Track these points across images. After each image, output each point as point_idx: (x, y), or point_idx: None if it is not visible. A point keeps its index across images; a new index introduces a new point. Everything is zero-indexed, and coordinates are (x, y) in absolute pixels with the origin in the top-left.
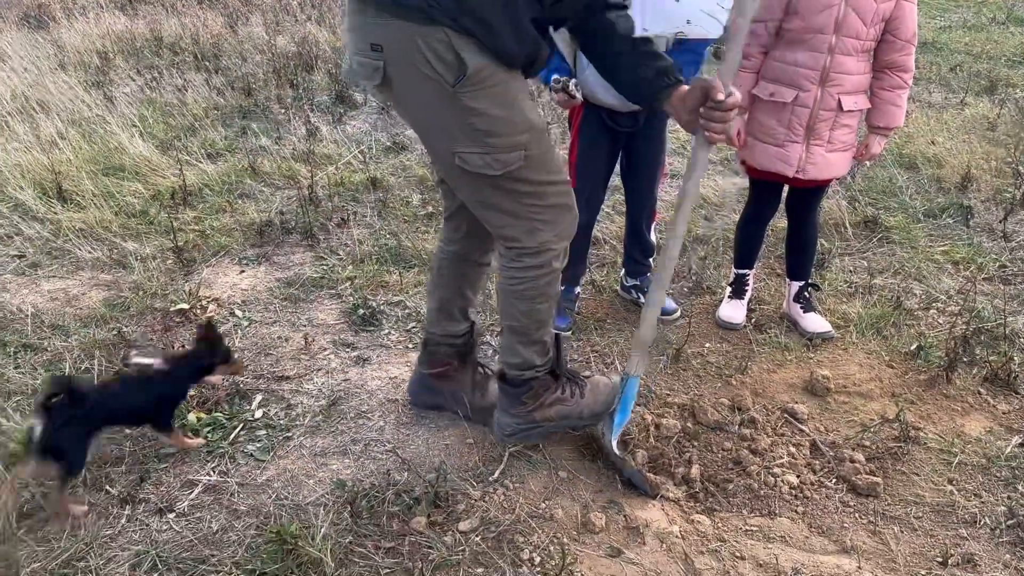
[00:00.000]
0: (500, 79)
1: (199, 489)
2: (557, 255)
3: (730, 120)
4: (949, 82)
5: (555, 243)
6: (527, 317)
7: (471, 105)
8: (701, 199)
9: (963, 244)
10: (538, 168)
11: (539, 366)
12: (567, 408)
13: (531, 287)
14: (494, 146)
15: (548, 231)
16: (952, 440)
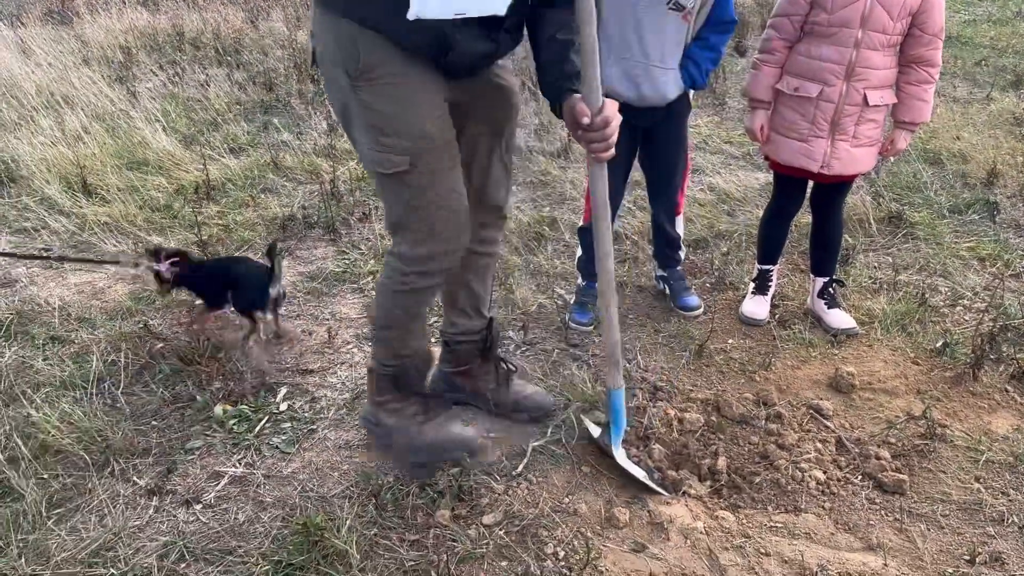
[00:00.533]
0: (395, 76)
1: (225, 481)
2: (423, 274)
3: (607, 139)
4: (974, 76)
5: (422, 263)
6: (380, 310)
7: (364, 98)
8: (724, 194)
9: (989, 240)
10: (425, 183)
11: (385, 364)
12: (402, 425)
13: (388, 286)
14: (383, 144)
15: (421, 248)
16: (979, 438)
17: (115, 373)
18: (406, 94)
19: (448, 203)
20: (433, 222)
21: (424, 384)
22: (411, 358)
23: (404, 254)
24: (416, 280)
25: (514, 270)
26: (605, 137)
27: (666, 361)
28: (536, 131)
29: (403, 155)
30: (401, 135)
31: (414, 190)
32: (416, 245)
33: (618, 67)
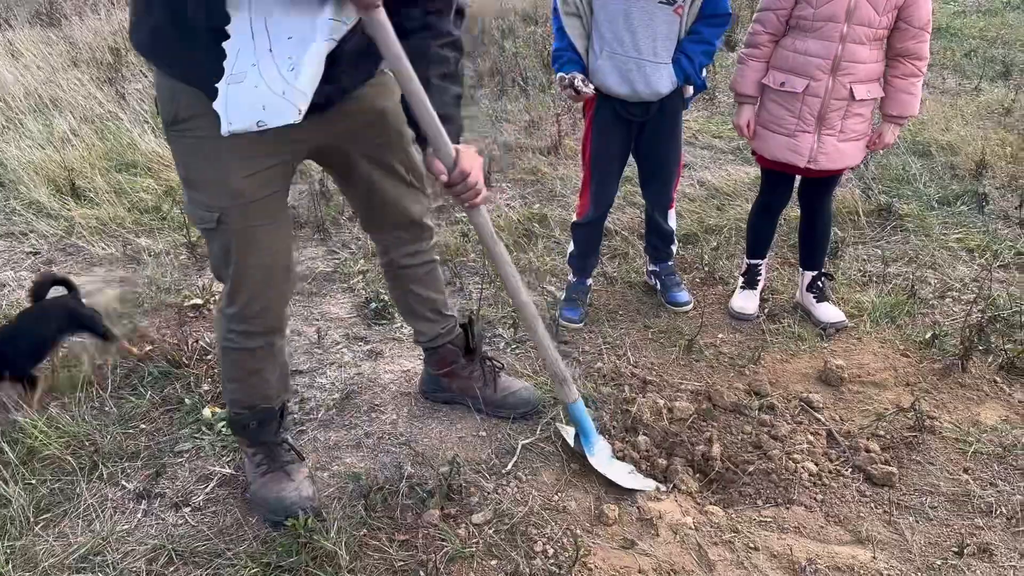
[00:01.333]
0: (203, 131)
1: (214, 483)
2: (244, 334)
3: (472, 187)
4: (963, 68)
5: (239, 321)
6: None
7: (175, 149)
8: (714, 189)
9: (978, 231)
10: (234, 241)
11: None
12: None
13: (219, 341)
14: (192, 198)
15: (235, 306)
16: (967, 429)
17: (103, 377)
18: (213, 150)
19: (261, 261)
20: (244, 280)
21: (272, 435)
22: (255, 409)
23: (223, 310)
24: (238, 339)
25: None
26: (469, 187)
27: (656, 356)
28: (526, 128)
29: (210, 211)
30: (207, 191)
31: (224, 247)
32: (231, 302)
33: (610, 62)
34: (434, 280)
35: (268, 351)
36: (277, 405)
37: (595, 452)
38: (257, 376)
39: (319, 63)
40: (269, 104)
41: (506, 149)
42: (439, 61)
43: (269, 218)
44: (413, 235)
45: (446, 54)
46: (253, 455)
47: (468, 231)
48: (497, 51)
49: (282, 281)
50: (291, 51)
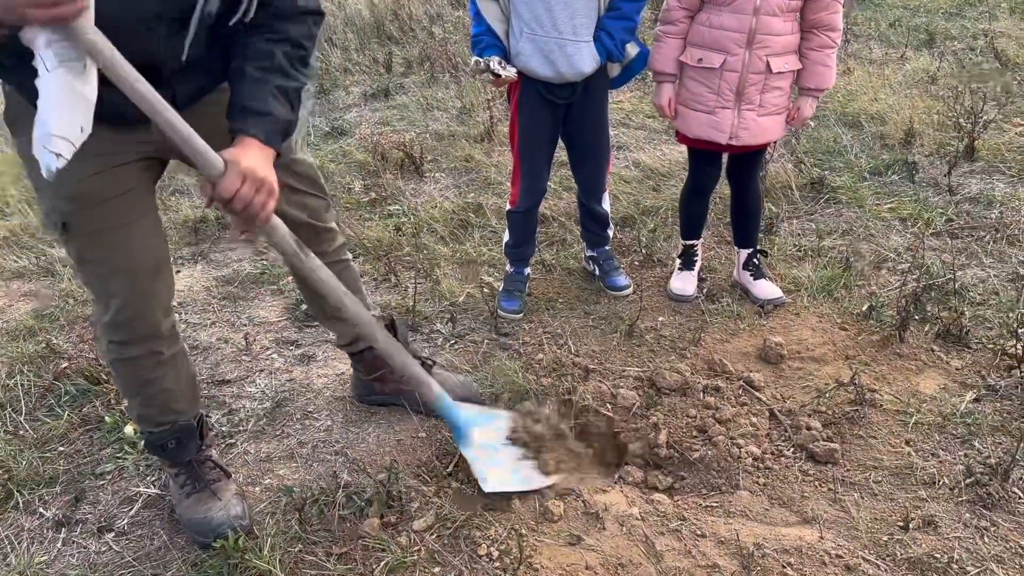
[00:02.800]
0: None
1: (139, 504)
2: (121, 344)
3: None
4: (888, 37)
5: (112, 331)
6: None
7: (17, 151)
8: (649, 170)
9: (909, 200)
10: (86, 245)
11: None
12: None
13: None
14: (41, 203)
15: (105, 315)
16: (907, 400)
17: (16, 399)
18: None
19: (119, 265)
20: (104, 287)
21: (193, 453)
22: (170, 427)
23: (95, 320)
24: (117, 348)
25: (440, 260)
26: (241, 205)
27: (597, 343)
28: (458, 115)
29: (54, 215)
30: (48, 194)
31: (76, 252)
32: (101, 311)
33: (530, 43)
34: (347, 281)
35: (155, 360)
36: (192, 419)
37: (472, 450)
38: (153, 387)
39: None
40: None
41: (438, 138)
42: (260, 54)
43: (123, 219)
44: (309, 238)
45: (269, 48)
46: (176, 475)
47: (401, 224)
48: (426, 36)
49: (148, 285)
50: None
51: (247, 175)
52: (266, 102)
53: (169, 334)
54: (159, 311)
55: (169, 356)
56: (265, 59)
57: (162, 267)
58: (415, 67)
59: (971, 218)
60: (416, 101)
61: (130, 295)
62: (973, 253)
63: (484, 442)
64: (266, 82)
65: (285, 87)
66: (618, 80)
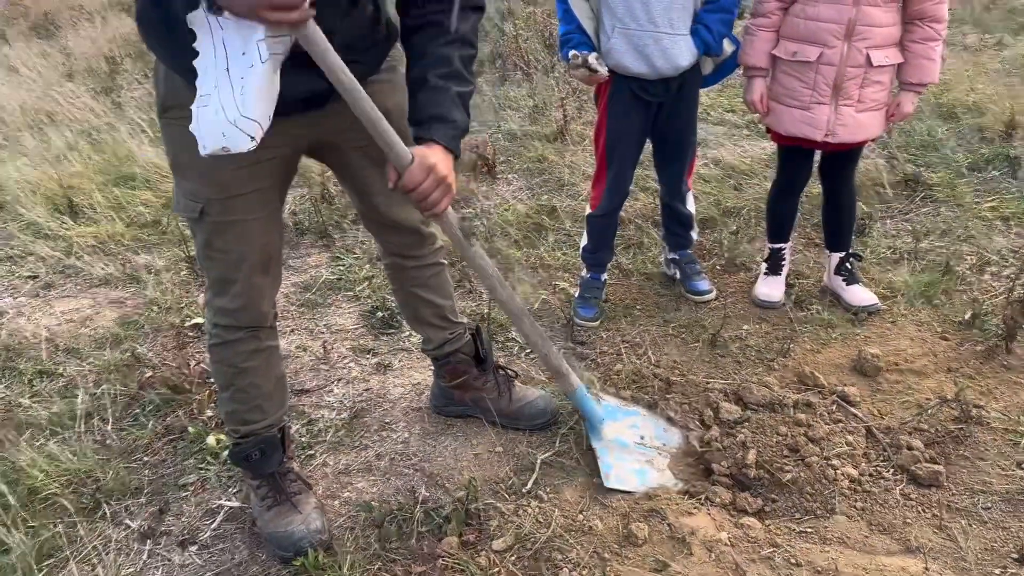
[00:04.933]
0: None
1: (221, 517)
2: (227, 328)
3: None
4: (983, 21)
5: (220, 315)
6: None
7: (164, 136)
8: (730, 168)
9: (1012, 198)
10: (214, 233)
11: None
12: (255, 505)
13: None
14: (179, 186)
15: (217, 299)
16: (1017, 418)
17: (103, 408)
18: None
19: (239, 255)
20: (224, 274)
21: (276, 465)
22: (253, 437)
23: (208, 302)
24: (221, 333)
25: (514, 265)
26: (422, 196)
27: (678, 354)
28: (530, 114)
29: (194, 201)
30: (193, 181)
31: (205, 238)
32: (214, 295)
33: (624, 39)
34: (440, 284)
35: (252, 347)
36: (275, 424)
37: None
38: (245, 378)
39: (267, 84)
40: (227, 132)
41: (510, 138)
42: (440, 60)
43: (251, 213)
44: (411, 240)
45: (447, 52)
46: (258, 488)
47: (475, 228)
48: (497, 34)
49: (262, 277)
50: (243, 71)
51: (431, 171)
52: (449, 109)
53: (271, 326)
54: (267, 303)
55: (265, 347)
56: (444, 65)
57: (272, 263)
58: (486, 65)
59: None
60: (488, 100)
61: (246, 285)
62: None
63: (616, 438)
64: (447, 90)
65: (463, 92)
66: (710, 79)
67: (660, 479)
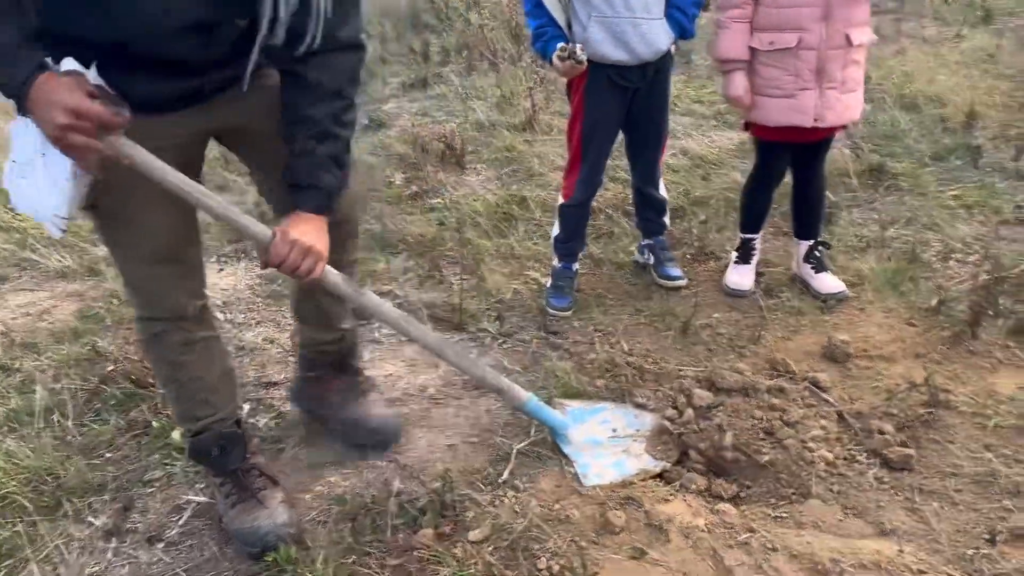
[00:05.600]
0: None
1: (188, 513)
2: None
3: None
4: (942, 14)
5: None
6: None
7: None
8: (698, 158)
9: (975, 186)
10: (112, 229)
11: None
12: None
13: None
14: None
15: (131, 294)
16: (984, 401)
17: (63, 403)
18: None
19: (140, 246)
20: (125, 266)
21: (238, 461)
22: (208, 433)
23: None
24: (145, 326)
25: (484, 255)
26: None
27: (651, 342)
28: (497, 104)
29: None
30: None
31: (102, 231)
32: (126, 290)
33: (601, 27)
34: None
35: (181, 339)
36: (228, 418)
37: (571, 447)
38: (183, 372)
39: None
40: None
41: (478, 128)
42: (307, 121)
43: (148, 204)
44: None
45: (313, 113)
46: (221, 485)
47: (444, 219)
48: (463, 24)
49: (167, 269)
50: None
51: (295, 244)
52: (315, 176)
53: (195, 317)
54: (181, 294)
55: (198, 339)
56: (312, 126)
57: (185, 252)
58: (453, 56)
59: None
60: (455, 91)
61: (148, 276)
62: None
63: (586, 439)
64: (313, 153)
65: (333, 153)
66: None
67: (639, 464)
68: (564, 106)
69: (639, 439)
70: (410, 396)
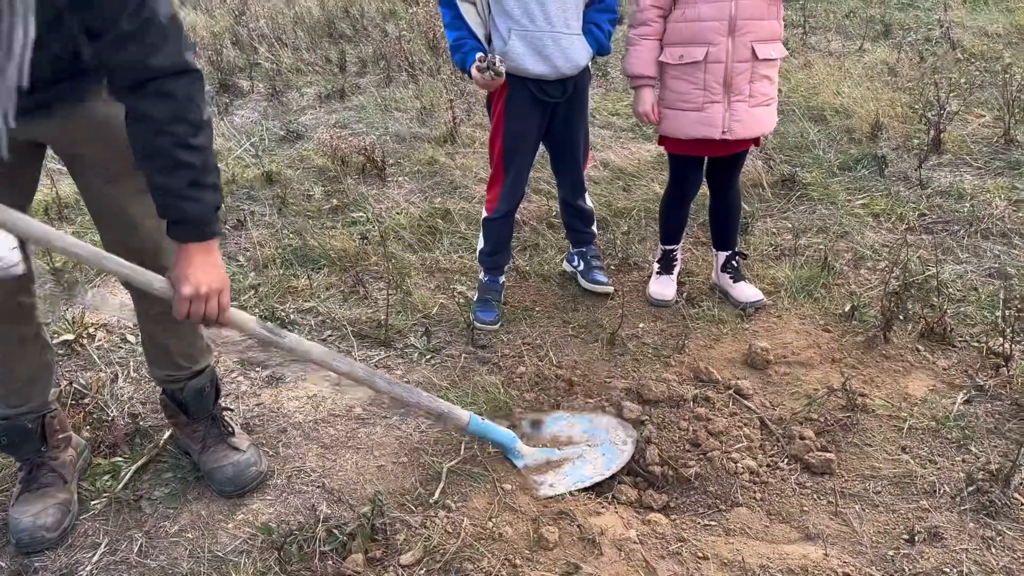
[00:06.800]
0: None
1: (103, 549)
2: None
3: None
4: (846, 29)
5: None
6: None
7: None
8: (618, 170)
9: (881, 195)
10: None
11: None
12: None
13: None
14: None
15: None
16: (899, 404)
17: None
18: None
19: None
20: None
21: (23, 454)
22: (6, 422)
23: None
24: None
25: (410, 270)
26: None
27: (579, 354)
28: (418, 116)
29: None
30: None
31: None
32: None
33: (522, 41)
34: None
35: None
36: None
37: (522, 459)
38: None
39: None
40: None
41: (398, 140)
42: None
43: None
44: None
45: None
46: (19, 470)
47: (366, 232)
48: (379, 35)
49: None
50: None
51: (193, 297)
52: (179, 210)
53: (6, 316)
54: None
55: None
56: (158, 159)
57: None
58: (370, 66)
59: (943, 212)
60: (374, 102)
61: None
62: (949, 248)
63: (539, 450)
64: (170, 188)
65: (191, 180)
66: None
67: (594, 470)
68: (485, 119)
69: (593, 444)
70: (336, 417)
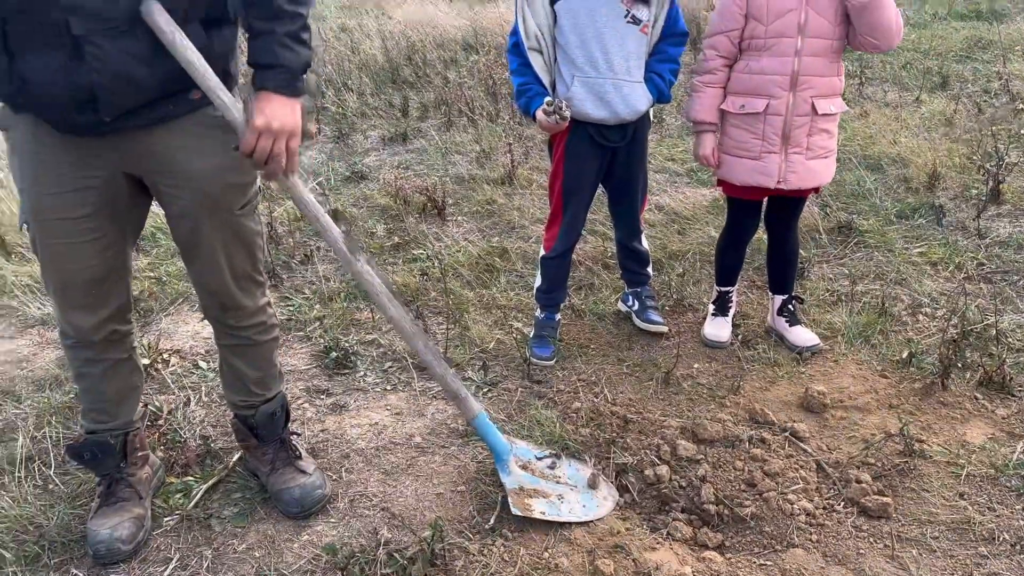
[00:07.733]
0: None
1: (174, 564)
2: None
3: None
4: (902, 79)
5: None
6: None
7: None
8: (673, 213)
9: (939, 244)
10: (41, 254)
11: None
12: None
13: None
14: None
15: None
16: (957, 451)
17: (45, 451)
18: (29, 161)
19: (59, 276)
20: (52, 293)
21: (104, 469)
22: (93, 436)
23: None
24: (64, 341)
25: (468, 306)
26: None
27: (633, 392)
28: (477, 159)
29: (23, 213)
30: (23, 195)
31: (33, 248)
32: (54, 307)
33: (585, 87)
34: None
35: (88, 359)
36: (120, 429)
37: (509, 476)
38: (86, 382)
39: None
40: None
41: (458, 181)
42: (260, 4)
43: (69, 237)
44: (234, 318)
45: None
46: (97, 485)
47: (427, 269)
48: (441, 81)
49: (77, 297)
50: None
51: (262, 131)
52: (275, 54)
53: (102, 342)
54: (89, 321)
55: (101, 360)
56: (265, 7)
57: (98, 285)
58: (431, 111)
59: (1003, 262)
60: (435, 145)
61: (61, 300)
62: (1008, 298)
63: (526, 475)
64: (272, 32)
65: (290, 31)
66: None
67: (571, 515)
68: (542, 161)
69: (575, 490)
70: (397, 444)
